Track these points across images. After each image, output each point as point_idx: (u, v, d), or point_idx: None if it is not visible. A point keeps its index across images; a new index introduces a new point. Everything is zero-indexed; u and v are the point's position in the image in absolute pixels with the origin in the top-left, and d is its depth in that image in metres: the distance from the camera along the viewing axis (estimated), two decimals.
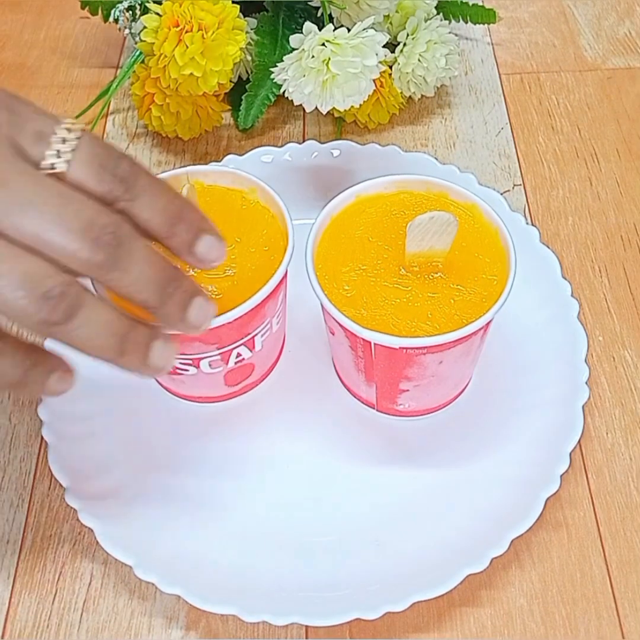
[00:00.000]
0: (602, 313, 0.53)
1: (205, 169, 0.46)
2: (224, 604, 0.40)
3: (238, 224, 0.45)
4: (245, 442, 0.47)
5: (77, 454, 0.45)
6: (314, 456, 0.46)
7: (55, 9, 0.74)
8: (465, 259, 0.43)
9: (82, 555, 0.44)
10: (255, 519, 0.44)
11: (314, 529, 0.44)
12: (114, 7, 0.60)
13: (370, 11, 0.57)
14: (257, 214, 0.46)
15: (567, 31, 0.71)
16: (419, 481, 0.45)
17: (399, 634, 0.41)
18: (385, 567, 0.42)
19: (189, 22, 0.53)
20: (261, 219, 0.45)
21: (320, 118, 0.64)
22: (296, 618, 0.40)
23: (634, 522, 0.45)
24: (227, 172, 0.46)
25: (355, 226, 0.45)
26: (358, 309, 0.42)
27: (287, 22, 0.60)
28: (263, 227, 0.45)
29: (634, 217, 0.58)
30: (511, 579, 0.43)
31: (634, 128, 0.63)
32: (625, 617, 0.42)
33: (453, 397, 0.48)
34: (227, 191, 0.46)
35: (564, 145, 0.62)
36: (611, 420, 0.48)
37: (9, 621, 0.42)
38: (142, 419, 0.48)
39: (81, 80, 0.68)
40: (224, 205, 0.46)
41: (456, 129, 0.64)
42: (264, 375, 0.49)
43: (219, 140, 0.63)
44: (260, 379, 0.49)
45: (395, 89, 0.61)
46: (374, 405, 0.47)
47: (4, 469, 0.47)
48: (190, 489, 0.45)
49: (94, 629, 0.42)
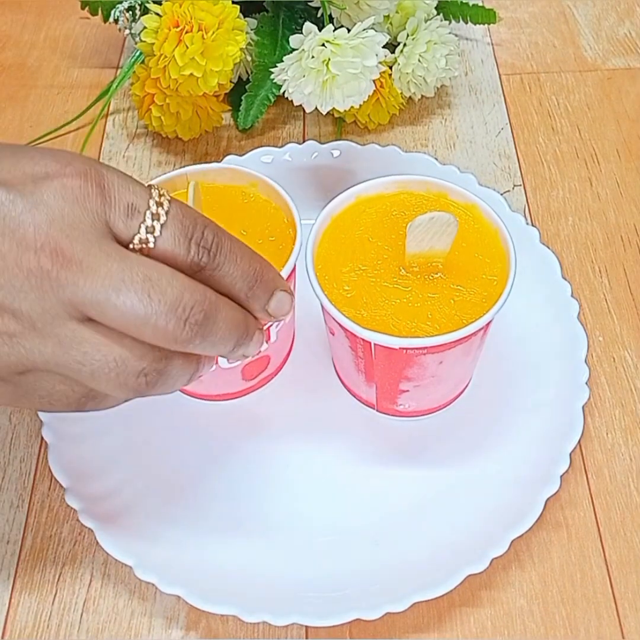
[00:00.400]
0: (602, 313, 0.53)
1: (203, 168, 0.46)
2: (224, 604, 0.40)
3: (241, 219, 0.45)
4: (245, 443, 0.47)
5: (77, 454, 0.45)
6: (313, 456, 0.46)
7: (55, 9, 0.74)
8: (465, 260, 0.43)
9: (82, 556, 0.44)
10: (255, 519, 0.44)
11: (314, 529, 0.44)
12: (114, 8, 0.60)
13: (370, 11, 0.57)
14: (259, 207, 0.46)
15: (567, 31, 0.71)
16: (418, 481, 0.45)
17: (399, 634, 0.41)
18: (385, 567, 0.42)
19: (189, 23, 0.53)
20: (264, 211, 0.46)
21: (320, 118, 0.64)
22: (296, 618, 0.40)
23: (634, 522, 0.45)
24: (226, 169, 0.47)
25: (356, 226, 0.45)
26: (358, 309, 0.42)
27: (287, 22, 0.60)
28: (266, 219, 0.45)
29: (634, 217, 0.58)
30: (511, 579, 0.43)
31: (634, 128, 0.63)
32: (625, 617, 0.42)
33: (453, 397, 0.48)
34: (226, 188, 0.46)
35: (564, 146, 0.62)
36: (611, 420, 0.48)
37: (9, 621, 0.42)
38: (142, 418, 0.48)
39: (81, 81, 0.68)
40: (225, 202, 0.46)
41: (456, 130, 0.64)
42: (278, 367, 0.49)
43: (219, 140, 0.63)
44: (275, 371, 0.49)
45: (395, 90, 0.61)
46: (374, 405, 0.47)
47: (4, 469, 0.47)
48: (190, 489, 0.45)
49: (94, 630, 0.42)
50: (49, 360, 0.32)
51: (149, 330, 0.31)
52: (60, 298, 0.30)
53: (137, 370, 0.32)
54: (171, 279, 0.32)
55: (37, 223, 0.30)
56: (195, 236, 0.33)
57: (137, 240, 0.32)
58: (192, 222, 0.33)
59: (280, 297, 0.36)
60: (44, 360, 0.32)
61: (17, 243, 0.30)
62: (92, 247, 0.31)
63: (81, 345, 0.31)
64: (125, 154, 0.63)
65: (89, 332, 0.31)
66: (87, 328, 0.31)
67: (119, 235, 0.32)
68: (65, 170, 0.31)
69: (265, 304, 0.36)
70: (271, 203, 0.46)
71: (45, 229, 0.30)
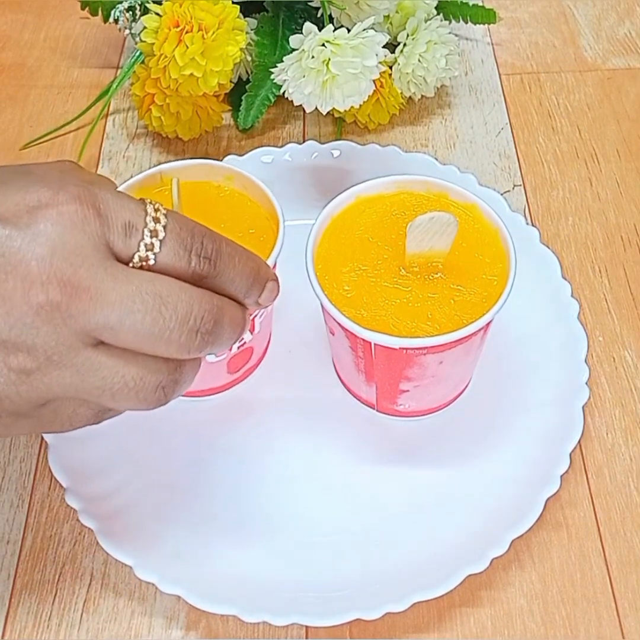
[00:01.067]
0: (602, 313, 0.53)
1: (177, 165, 0.46)
2: (224, 604, 0.40)
3: (219, 213, 0.45)
4: (245, 443, 0.47)
5: (77, 454, 0.45)
6: (313, 456, 0.46)
7: (55, 9, 0.74)
8: (465, 260, 0.43)
9: (82, 556, 0.44)
10: (255, 519, 0.44)
11: (314, 529, 0.44)
12: (114, 8, 0.60)
13: (370, 11, 0.57)
14: (235, 200, 0.46)
15: (567, 31, 0.71)
16: (418, 481, 0.45)
17: (399, 634, 0.41)
18: (385, 567, 0.42)
19: (189, 23, 0.53)
20: (241, 204, 0.46)
21: (320, 118, 0.64)
22: (296, 618, 0.40)
23: (634, 522, 0.45)
24: (200, 165, 0.46)
25: (356, 226, 0.45)
26: (358, 309, 0.42)
27: (287, 22, 0.60)
28: (244, 212, 0.46)
29: (634, 217, 0.58)
30: (511, 579, 0.43)
31: (634, 128, 0.63)
32: (625, 617, 0.42)
33: (453, 397, 0.48)
34: (201, 184, 0.46)
35: (564, 146, 0.62)
36: (611, 420, 0.48)
37: (9, 621, 0.42)
38: (142, 418, 0.47)
39: (81, 81, 0.68)
40: (201, 197, 0.46)
41: (456, 130, 0.64)
42: (260, 357, 0.50)
43: (219, 140, 0.63)
44: (257, 362, 0.49)
45: (395, 90, 0.61)
46: (374, 405, 0.47)
47: (4, 469, 0.47)
48: (191, 489, 0.45)
49: (94, 630, 0.42)
50: (69, 390, 0.32)
51: (162, 345, 0.32)
52: (73, 328, 0.30)
53: (155, 385, 0.33)
54: (180, 292, 0.32)
55: (39, 256, 0.30)
56: (195, 247, 0.33)
57: (137, 259, 0.32)
58: (190, 233, 0.33)
59: (270, 287, 0.37)
60: (64, 391, 0.32)
61: (21, 279, 0.30)
62: (98, 272, 0.31)
63: (99, 370, 0.31)
64: (125, 154, 0.63)
65: (104, 357, 0.31)
66: (102, 353, 0.31)
67: (119, 254, 0.32)
68: (58, 197, 0.31)
69: (258, 296, 0.36)
70: (246, 197, 0.46)
71: (49, 260, 0.30)
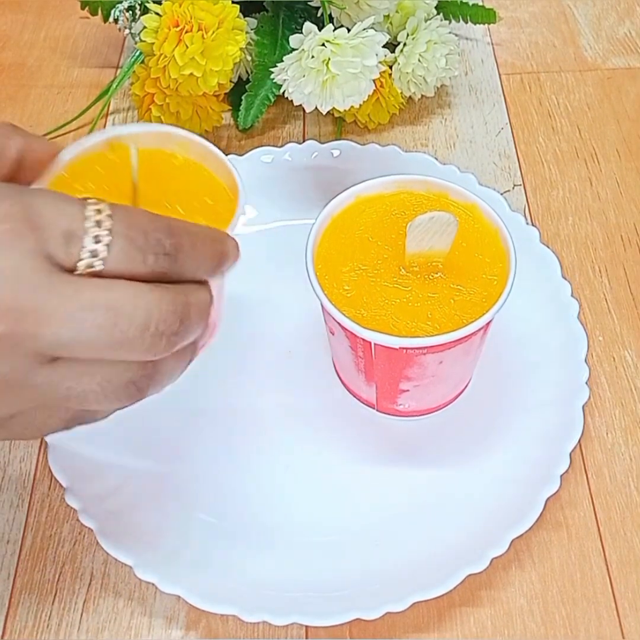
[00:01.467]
0: (602, 313, 0.53)
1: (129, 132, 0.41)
2: (224, 604, 0.40)
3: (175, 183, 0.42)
4: (246, 443, 0.47)
5: (77, 454, 0.45)
6: (313, 456, 0.46)
7: (55, 9, 0.74)
8: (465, 259, 0.43)
9: (82, 555, 0.44)
10: (255, 519, 0.44)
11: (314, 529, 0.44)
12: (114, 7, 0.60)
13: (370, 11, 0.57)
14: (191, 170, 0.43)
15: (567, 31, 0.71)
16: (418, 481, 0.45)
17: (399, 634, 0.41)
18: (385, 567, 0.42)
19: (188, 22, 0.53)
20: (197, 175, 0.43)
21: (320, 118, 0.64)
22: (296, 618, 0.40)
23: (634, 522, 0.45)
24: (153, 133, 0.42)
25: (356, 226, 0.45)
26: (358, 309, 0.42)
27: (287, 22, 0.60)
28: (201, 182, 0.42)
29: (634, 217, 0.58)
30: (511, 579, 0.43)
31: (634, 128, 0.63)
32: (625, 617, 0.42)
33: (453, 397, 0.48)
34: (155, 152, 0.43)
35: (564, 146, 0.62)
36: (611, 420, 0.48)
37: (9, 621, 0.42)
38: (142, 418, 0.47)
39: (81, 80, 0.68)
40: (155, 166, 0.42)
41: (456, 129, 0.64)
42: None
43: (219, 140, 0.63)
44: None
45: (395, 89, 0.61)
46: (374, 405, 0.47)
47: (4, 469, 0.47)
48: (190, 489, 0.45)
49: (94, 629, 0.42)
50: (36, 404, 0.31)
51: (124, 353, 0.30)
52: (25, 352, 0.29)
53: (123, 383, 0.31)
54: (135, 299, 0.29)
55: None
56: (150, 245, 0.30)
57: (83, 266, 0.29)
58: (141, 231, 0.30)
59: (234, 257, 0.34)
60: (31, 406, 0.31)
61: None
62: (42, 291, 0.28)
63: (62, 383, 0.30)
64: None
65: (64, 370, 0.30)
66: (62, 367, 0.30)
67: (63, 264, 0.29)
68: None
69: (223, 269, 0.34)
70: (204, 166, 0.43)
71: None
